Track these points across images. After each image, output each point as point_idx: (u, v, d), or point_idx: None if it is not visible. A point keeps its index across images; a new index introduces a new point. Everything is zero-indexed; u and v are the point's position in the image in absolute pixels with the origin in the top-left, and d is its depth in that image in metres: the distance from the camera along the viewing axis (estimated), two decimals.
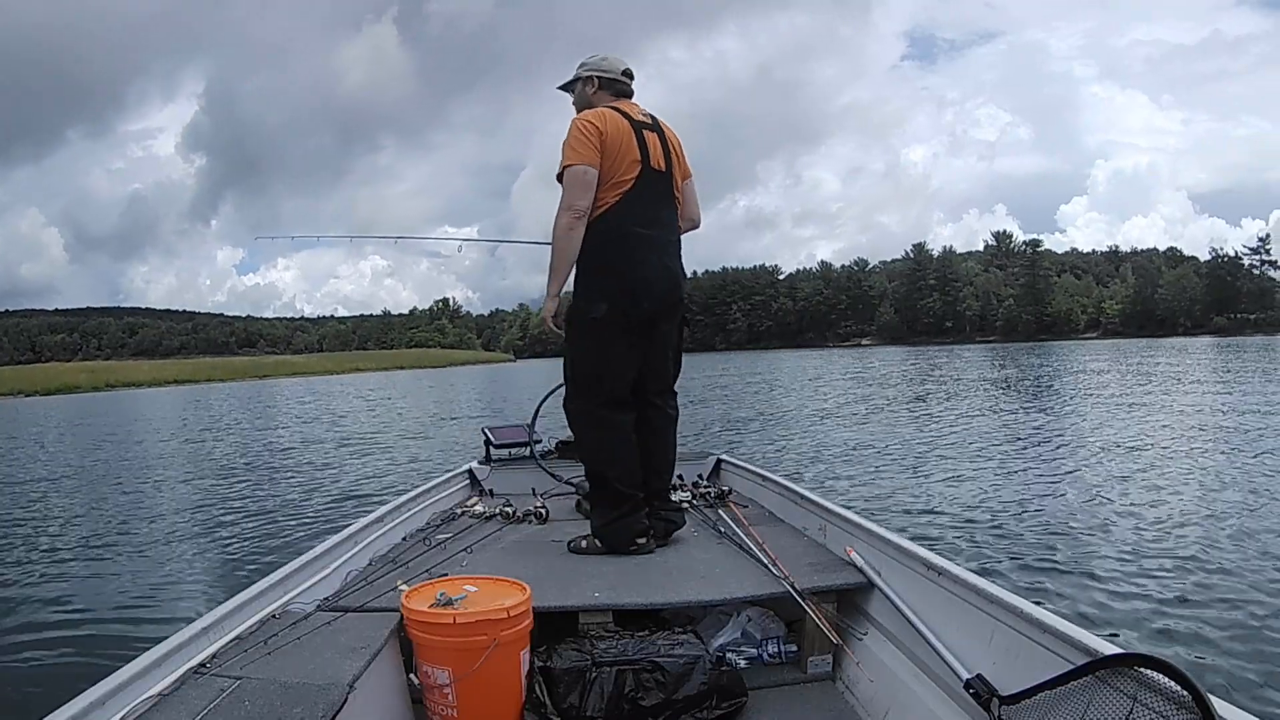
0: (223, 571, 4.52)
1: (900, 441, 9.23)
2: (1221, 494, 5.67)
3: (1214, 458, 7.30)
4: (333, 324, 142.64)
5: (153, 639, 1.45)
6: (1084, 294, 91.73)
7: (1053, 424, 10.46)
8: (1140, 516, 5.12)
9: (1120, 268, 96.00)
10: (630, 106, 2.42)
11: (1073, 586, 3.76)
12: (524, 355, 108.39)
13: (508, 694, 1.61)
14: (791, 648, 1.93)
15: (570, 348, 2.40)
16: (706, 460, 3.52)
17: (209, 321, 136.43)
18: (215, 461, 9.85)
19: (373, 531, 2.41)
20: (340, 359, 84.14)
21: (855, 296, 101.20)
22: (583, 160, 2.25)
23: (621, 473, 2.34)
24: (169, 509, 6.55)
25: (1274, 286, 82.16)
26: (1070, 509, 5.42)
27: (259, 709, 1.31)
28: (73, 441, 14.78)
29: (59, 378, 52.28)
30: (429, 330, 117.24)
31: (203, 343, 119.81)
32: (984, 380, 20.41)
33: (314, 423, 16.20)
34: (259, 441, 12.35)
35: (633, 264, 2.30)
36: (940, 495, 6.05)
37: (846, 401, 15.45)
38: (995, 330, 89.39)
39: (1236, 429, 9.16)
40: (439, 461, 8.70)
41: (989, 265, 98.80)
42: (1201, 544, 4.36)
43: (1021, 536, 4.71)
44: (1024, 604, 1.41)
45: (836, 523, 2.26)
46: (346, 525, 2.39)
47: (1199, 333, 72.24)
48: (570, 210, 2.25)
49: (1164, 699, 1.06)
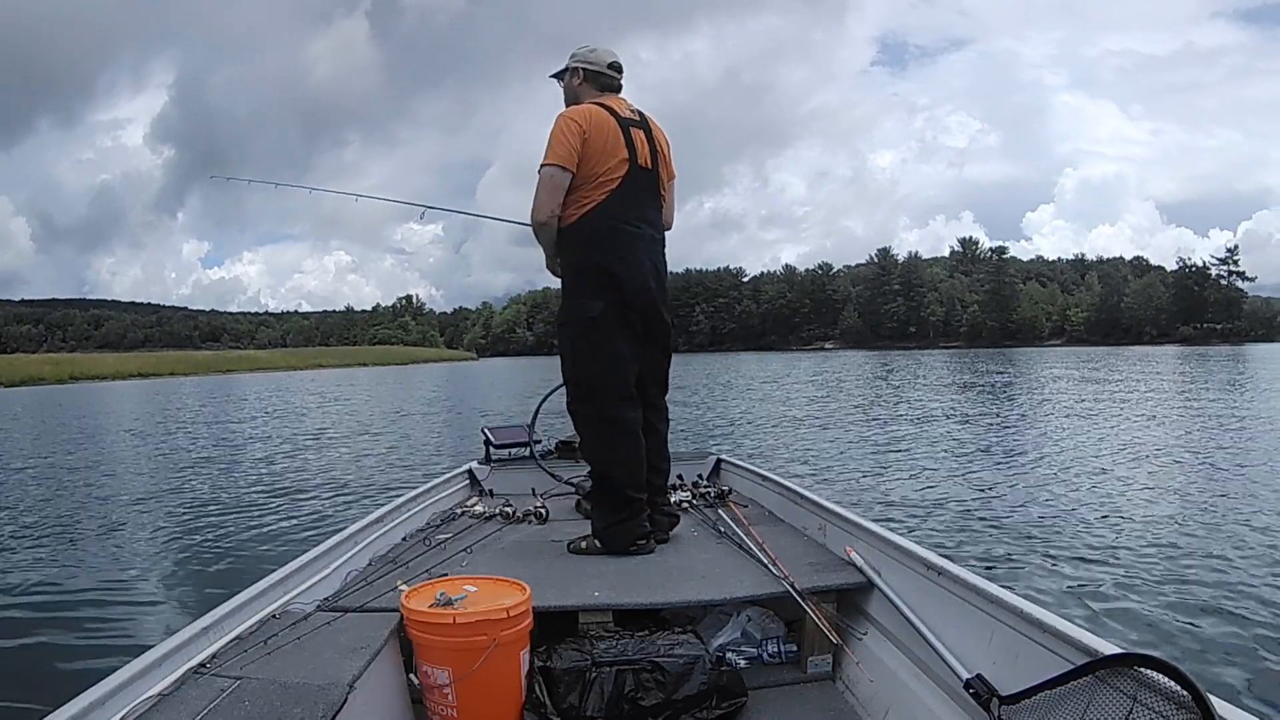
0: (223, 571, 4.51)
1: (861, 442, 9.39)
2: (1220, 493, 5.69)
3: (1203, 459, 7.38)
4: (296, 319, 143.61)
5: (153, 639, 1.45)
6: (1049, 301, 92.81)
7: (1022, 428, 10.63)
8: (1120, 514, 5.21)
9: (1086, 276, 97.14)
10: (618, 103, 2.40)
11: (1056, 581, 3.79)
12: (486, 354, 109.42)
13: (508, 694, 1.61)
14: (791, 648, 1.93)
15: (570, 349, 2.38)
16: (706, 460, 3.52)
17: (173, 315, 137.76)
18: (214, 462, 9.85)
19: (373, 531, 2.41)
20: (303, 355, 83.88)
21: (819, 300, 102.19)
22: (558, 160, 2.25)
23: (627, 475, 2.33)
24: (169, 509, 6.54)
25: (1242, 296, 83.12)
26: (1042, 508, 5.50)
27: (259, 709, 1.31)
28: (52, 435, 14.71)
29: (24, 369, 50.87)
30: (392, 327, 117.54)
31: (167, 336, 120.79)
32: (950, 385, 20.78)
33: (305, 420, 16.22)
34: (259, 441, 12.35)
35: (624, 262, 2.30)
36: (911, 493, 6.17)
37: (825, 404, 15.56)
38: (959, 336, 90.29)
39: (1226, 431, 9.26)
40: (415, 464, 8.73)
41: (954, 271, 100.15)
42: (1201, 543, 4.37)
43: (992, 533, 4.78)
44: (1024, 604, 1.41)
45: (836, 523, 2.26)
46: (346, 525, 2.39)
47: (1164, 341, 73.12)
48: (537, 211, 2.30)
49: (1164, 699, 1.06)
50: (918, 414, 12.73)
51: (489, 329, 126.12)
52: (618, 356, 2.32)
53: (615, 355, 2.32)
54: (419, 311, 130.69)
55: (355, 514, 4.54)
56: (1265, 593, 3.53)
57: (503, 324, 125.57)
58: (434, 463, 8.38)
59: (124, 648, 3.25)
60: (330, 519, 5.78)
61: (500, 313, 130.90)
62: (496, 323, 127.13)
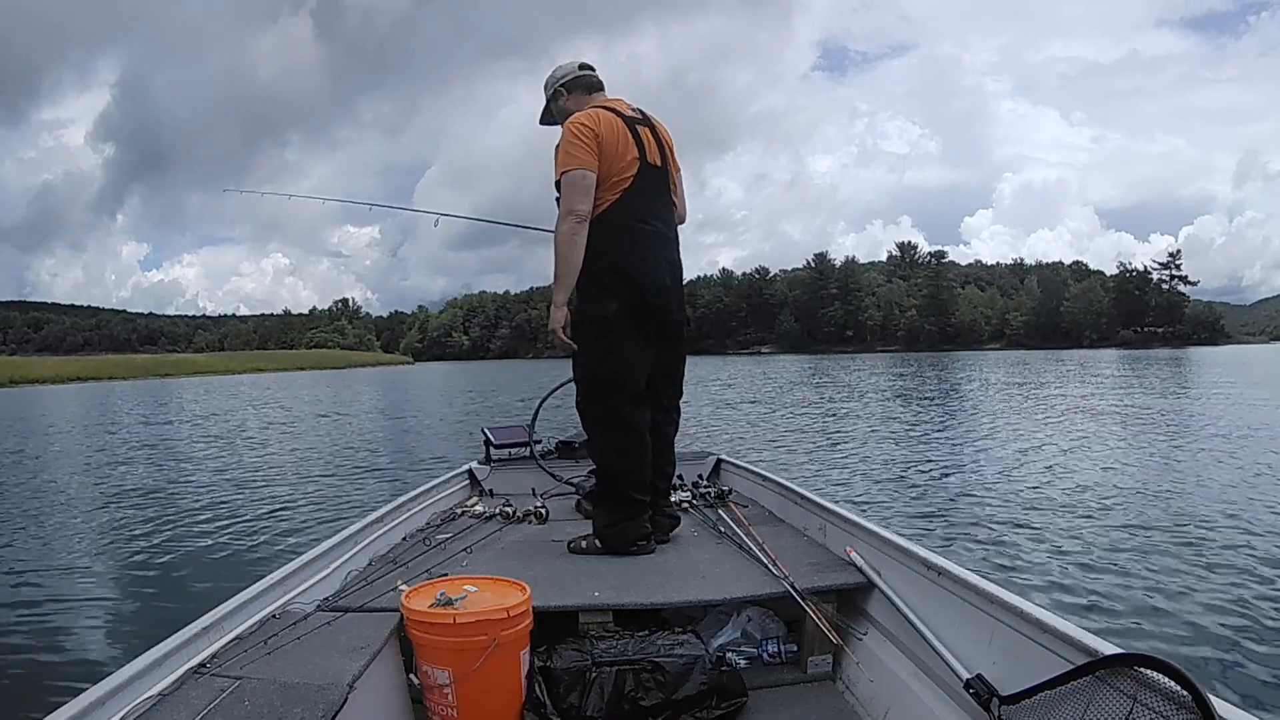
0: (223, 572, 4.51)
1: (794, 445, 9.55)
2: (1218, 494, 5.69)
3: (1190, 455, 7.47)
4: (234, 323, 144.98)
5: (153, 639, 1.45)
6: (988, 305, 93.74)
7: (963, 431, 10.85)
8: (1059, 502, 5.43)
9: (1025, 280, 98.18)
10: (619, 103, 2.40)
11: (1031, 576, 3.82)
12: (423, 358, 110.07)
13: (508, 694, 1.61)
14: (791, 648, 1.93)
15: (582, 349, 2.36)
16: (706, 460, 3.52)
17: (112, 318, 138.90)
18: (213, 461, 9.85)
19: (373, 531, 2.41)
20: (242, 358, 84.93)
21: (756, 304, 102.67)
22: (580, 164, 2.22)
23: (632, 475, 2.33)
24: (168, 509, 6.55)
25: (1184, 301, 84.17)
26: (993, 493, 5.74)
27: (259, 709, 1.31)
28: (56, 436, 14.76)
29: None
30: (329, 331, 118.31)
31: (106, 339, 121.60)
32: (882, 388, 21.13)
33: (301, 422, 16.27)
34: (256, 441, 12.35)
35: (639, 260, 2.29)
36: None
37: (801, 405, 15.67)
38: (897, 340, 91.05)
39: (1218, 431, 9.33)
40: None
41: (892, 276, 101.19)
42: (1198, 542, 4.38)
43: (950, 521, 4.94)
44: (1024, 604, 1.41)
45: (836, 523, 2.26)
46: (346, 525, 2.39)
47: (1105, 345, 73.75)
48: (572, 215, 2.22)
49: (1164, 699, 1.06)
50: (872, 415, 13.03)
51: (425, 333, 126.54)
52: (631, 357, 2.32)
53: (628, 355, 2.31)
54: (355, 315, 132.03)
55: (355, 514, 4.54)
56: (1266, 593, 3.53)
57: (439, 328, 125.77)
58: (404, 474, 8.28)
59: (124, 648, 3.26)
60: (330, 519, 5.79)
61: (437, 316, 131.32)
62: (433, 326, 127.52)
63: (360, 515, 2.55)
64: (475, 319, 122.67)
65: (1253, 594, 3.52)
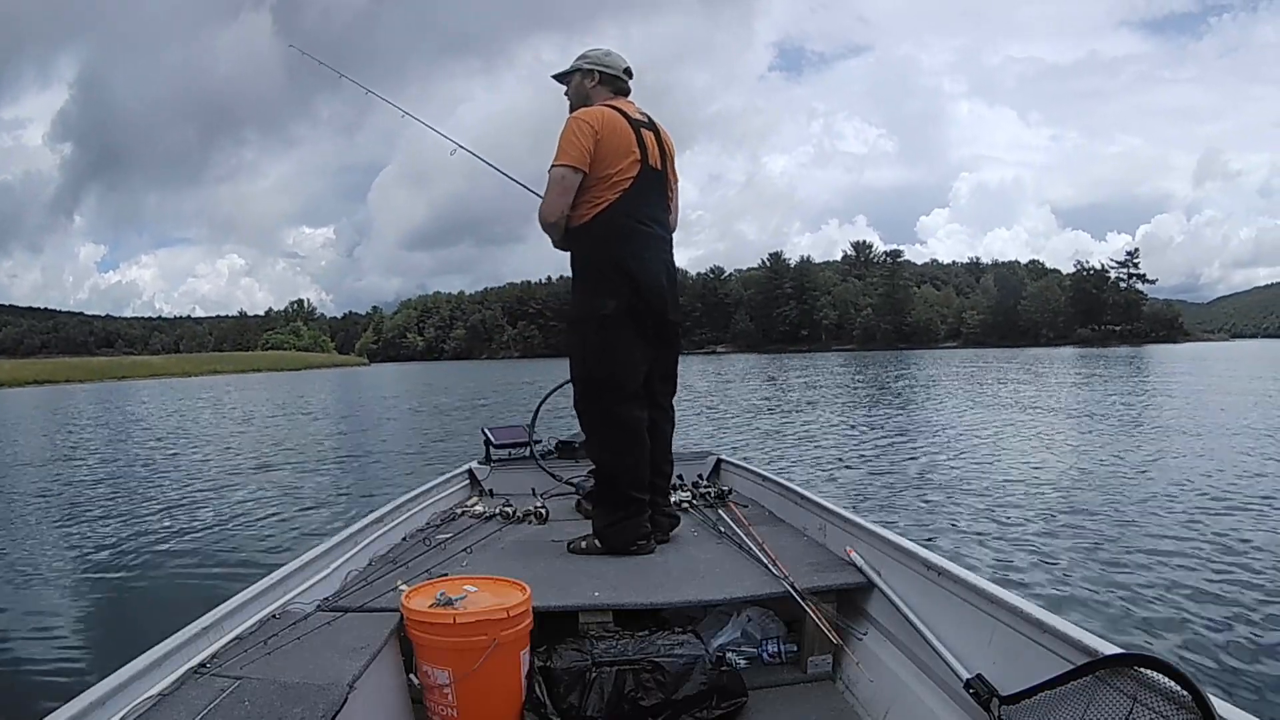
0: (223, 571, 4.51)
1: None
2: (1218, 495, 5.68)
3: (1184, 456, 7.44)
4: (189, 325, 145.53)
5: (153, 639, 1.45)
6: (944, 304, 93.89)
7: (923, 424, 11.03)
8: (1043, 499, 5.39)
9: (981, 279, 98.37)
10: (627, 105, 2.42)
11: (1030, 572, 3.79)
12: (378, 359, 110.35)
13: (508, 694, 1.61)
14: (791, 648, 1.93)
15: (580, 347, 2.37)
16: (706, 460, 3.52)
17: (69, 320, 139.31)
18: (211, 462, 9.85)
19: (373, 531, 2.41)
20: (198, 361, 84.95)
21: (711, 304, 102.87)
22: (570, 161, 2.25)
23: (631, 475, 2.33)
24: (168, 509, 6.55)
25: (1141, 299, 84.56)
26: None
27: (259, 709, 1.31)
28: (54, 434, 14.75)
29: None
30: (284, 332, 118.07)
31: (63, 342, 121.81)
32: (841, 385, 21.38)
33: (296, 422, 16.27)
34: (255, 441, 12.35)
35: (638, 260, 2.30)
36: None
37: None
38: (852, 339, 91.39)
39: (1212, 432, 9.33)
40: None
41: (847, 275, 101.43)
42: (1198, 541, 4.37)
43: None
44: (1024, 604, 1.41)
45: (836, 523, 2.26)
46: (346, 525, 2.39)
47: (1062, 343, 73.81)
48: (548, 211, 2.30)
49: (1164, 699, 1.06)
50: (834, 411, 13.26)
51: (380, 334, 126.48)
52: (629, 355, 2.33)
53: (626, 354, 2.32)
54: (310, 316, 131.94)
55: (355, 514, 4.54)
56: (1266, 593, 3.53)
57: (394, 329, 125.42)
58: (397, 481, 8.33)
59: (124, 647, 3.25)
60: (330, 519, 5.79)
61: (391, 318, 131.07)
62: (387, 328, 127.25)
63: (360, 515, 2.55)
64: (430, 320, 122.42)
65: (1253, 594, 3.52)
